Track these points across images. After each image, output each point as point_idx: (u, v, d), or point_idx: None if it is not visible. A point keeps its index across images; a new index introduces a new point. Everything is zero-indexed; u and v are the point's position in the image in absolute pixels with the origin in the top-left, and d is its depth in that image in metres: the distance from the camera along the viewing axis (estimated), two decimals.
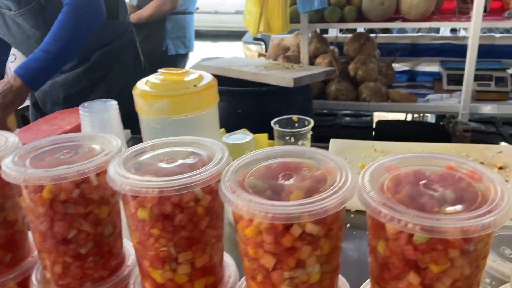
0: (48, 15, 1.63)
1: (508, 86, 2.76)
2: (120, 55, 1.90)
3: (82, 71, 1.83)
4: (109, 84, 1.87)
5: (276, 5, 2.49)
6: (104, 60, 1.85)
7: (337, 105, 2.81)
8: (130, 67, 1.94)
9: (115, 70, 1.89)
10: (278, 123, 1.25)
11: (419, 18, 2.56)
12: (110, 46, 1.86)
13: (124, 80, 1.90)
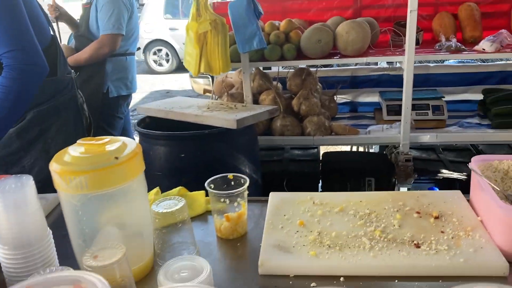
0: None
1: (444, 114, 2.87)
2: (59, 112, 1.78)
3: (14, 131, 1.69)
4: (46, 144, 1.75)
5: (216, 46, 2.48)
6: (41, 119, 1.73)
7: (283, 140, 2.82)
8: (70, 125, 1.83)
9: (53, 129, 1.77)
10: (213, 183, 1.21)
11: (356, 54, 2.63)
12: (47, 104, 1.73)
13: (62, 139, 1.78)
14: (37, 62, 1.52)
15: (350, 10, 3.12)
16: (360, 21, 2.63)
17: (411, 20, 2.41)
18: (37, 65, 1.52)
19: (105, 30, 2.82)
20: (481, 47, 2.59)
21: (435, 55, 2.60)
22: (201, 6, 2.44)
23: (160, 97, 7.17)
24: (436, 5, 3.06)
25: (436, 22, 2.94)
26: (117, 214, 0.97)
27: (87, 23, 2.94)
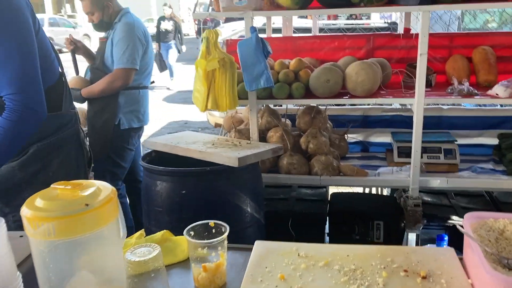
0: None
1: (456, 158, 2.79)
2: (61, 147, 1.80)
3: (17, 165, 1.71)
4: (47, 178, 1.76)
5: (223, 83, 2.49)
6: (43, 153, 1.74)
7: (289, 179, 2.78)
8: (72, 159, 1.85)
9: (55, 163, 1.78)
10: (192, 230, 1.18)
11: (365, 94, 2.60)
12: (50, 139, 1.75)
13: (64, 173, 1.80)
14: (38, 109, 1.55)
15: (362, 50, 3.11)
16: (370, 62, 2.61)
17: (421, 63, 2.39)
18: (37, 112, 1.55)
19: (119, 64, 2.88)
20: (494, 91, 2.53)
21: (446, 99, 2.55)
22: (211, 44, 2.47)
23: (178, 128, 7.26)
24: (450, 48, 3.03)
25: (449, 65, 2.91)
26: (87, 262, 0.94)
27: (103, 57, 3.01)
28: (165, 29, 10.17)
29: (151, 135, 6.84)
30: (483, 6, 2.39)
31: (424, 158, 2.82)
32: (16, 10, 1.52)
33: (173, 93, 10.14)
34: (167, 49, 10.37)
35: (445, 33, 3.99)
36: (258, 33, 2.45)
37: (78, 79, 3.09)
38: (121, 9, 3.02)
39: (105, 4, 2.93)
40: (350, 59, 2.95)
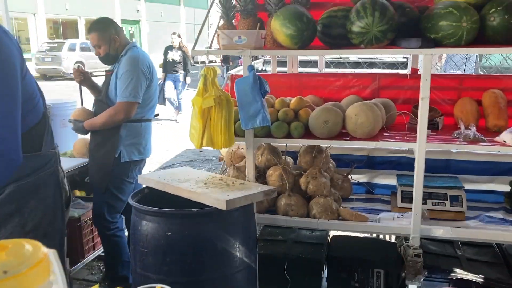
0: None
1: (463, 206, 2.65)
2: (39, 187, 1.76)
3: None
4: (22, 219, 1.72)
5: (219, 121, 2.45)
6: (19, 194, 1.70)
7: (286, 221, 2.69)
8: (49, 201, 1.80)
9: (31, 204, 1.74)
10: None
11: (366, 136, 2.51)
12: (27, 179, 1.72)
13: (40, 215, 1.76)
14: (14, 157, 1.53)
15: (368, 90, 3.04)
16: (370, 104, 2.53)
17: (423, 108, 2.29)
18: (12, 160, 1.53)
19: (121, 98, 2.88)
20: (502, 138, 2.40)
21: (449, 144, 2.43)
22: (208, 82, 2.44)
23: (193, 156, 7.25)
24: (459, 90, 2.92)
25: (457, 108, 2.80)
26: None
27: (107, 89, 3.02)
28: (172, 60, 9.62)
29: (164, 163, 6.86)
30: (486, 51, 2.30)
31: (429, 204, 2.69)
32: (3, 60, 1.52)
33: None
34: (174, 80, 9.79)
35: (455, 74, 3.88)
36: (256, 71, 2.41)
37: (82, 110, 3.11)
38: (128, 43, 3.06)
39: (112, 38, 2.98)
40: (354, 99, 2.89)
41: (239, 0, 2.65)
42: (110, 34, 2.98)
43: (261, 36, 2.52)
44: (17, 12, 20.36)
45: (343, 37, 2.39)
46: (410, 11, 2.46)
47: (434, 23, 2.23)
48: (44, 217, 1.78)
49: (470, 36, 2.18)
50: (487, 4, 2.23)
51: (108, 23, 3.05)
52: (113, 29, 3.01)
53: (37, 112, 1.74)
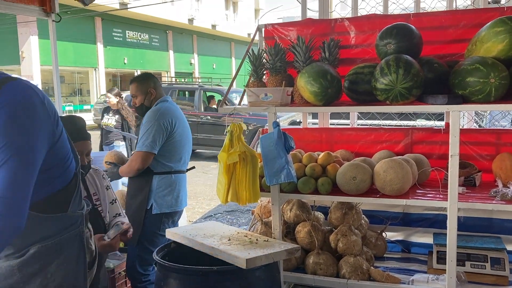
0: None
1: (505, 269, 2.47)
2: (62, 248, 1.74)
3: (16, 264, 1.67)
4: (44, 279, 1.72)
5: (243, 176, 2.47)
6: (43, 254, 1.70)
7: (314, 281, 2.60)
8: (72, 262, 1.79)
9: (54, 265, 1.73)
10: None
11: (396, 194, 2.43)
12: (52, 240, 1.71)
13: (62, 275, 1.75)
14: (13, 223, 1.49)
15: (400, 145, 2.97)
16: (399, 160, 2.47)
17: (453, 165, 2.21)
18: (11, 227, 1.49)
19: (138, 147, 3.03)
20: None
21: (484, 204, 2.30)
22: (234, 138, 2.49)
23: (234, 206, 7.25)
24: (498, 146, 2.79)
25: (496, 164, 2.66)
26: None
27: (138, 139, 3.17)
28: (106, 125, 6.54)
29: (206, 213, 6.91)
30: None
31: (467, 266, 2.54)
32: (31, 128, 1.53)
33: None
34: None
35: (492, 129, 3.71)
36: (280, 127, 2.43)
37: (113, 154, 3.23)
38: (162, 97, 3.20)
39: (149, 91, 3.15)
40: (386, 154, 2.83)
41: (269, 58, 2.73)
42: (148, 87, 3.15)
43: (287, 93, 2.56)
44: (80, 66, 21.88)
45: (369, 93, 2.39)
46: (438, 67, 2.43)
47: (462, 79, 2.18)
48: (66, 278, 1.78)
49: (499, 92, 2.11)
50: None
51: (148, 77, 3.24)
52: (152, 83, 3.18)
53: (68, 175, 1.77)
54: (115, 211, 2.55)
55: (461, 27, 2.68)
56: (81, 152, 2.18)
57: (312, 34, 2.88)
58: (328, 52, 2.64)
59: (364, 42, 2.94)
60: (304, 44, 2.63)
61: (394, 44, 2.42)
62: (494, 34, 2.18)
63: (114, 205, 2.54)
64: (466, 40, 2.52)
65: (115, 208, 2.55)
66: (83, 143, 2.26)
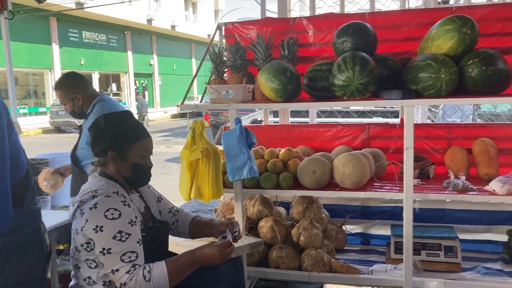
0: None
1: (458, 257, 2.60)
2: (21, 244, 1.72)
3: None
4: (3, 276, 1.71)
5: (206, 173, 2.48)
6: (2, 251, 1.67)
7: (277, 274, 2.65)
8: (32, 257, 1.78)
9: (13, 262, 1.72)
10: None
11: (354, 187, 2.51)
12: (10, 236, 1.67)
13: (22, 272, 1.74)
14: (4, 209, 1.53)
15: (358, 140, 3.06)
16: (357, 154, 2.55)
17: (408, 158, 2.30)
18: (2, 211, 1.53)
19: None
20: (491, 187, 2.39)
21: (438, 194, 2.41)
22: (196, 135, 2.50)
23: (198, 206, 7.22)
24: (449, 139, 2.93)
25: (448, 157, 2.80)
26: None
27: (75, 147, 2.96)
28: None
29: None
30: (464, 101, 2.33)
31: (423, 255, 2.65)
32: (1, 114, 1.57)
33: None
34: None
35: (444, 123, 3.89)
36: (242, 124, 2.46)
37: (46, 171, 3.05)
38: (95, 98, 2.86)
39: (74, 97, 2.82)
40: (344, 149, 2.91)
41: (229, 56, 2.75)
42: (73, 93, 2.81)
43: (248, 90, 2.59)
44: (34, 68, 21.17)
45: (328, 89, 2.45)
46: (392, 64, 2.52)
47: (415, 75, 2.28)
48: (27, 275, 1.77)
49: (450, 87, 2.22)
50: (466, 56, 2.28)
51: (71, 81, 2.86)
52: (76, 88, 2.83)
53: (21, 169, 1.77)
54: (167, 207, 2.17)
55: (413, 25, 2.81)
56: (148, 151, 1.90)
57: (272, 33, 2.92)
58: (287, 50, 2.69)
59: (322, 40, 3.02)
60: (264, 42, 2.66)
61: (350, 42, 2.50)
62: (444, 32, 2.29)
63: (163, 202, 2.16)
64: (418, 38, 2.63)
65: (165, 204, 2.16)
66: (149, 141, 1.91)
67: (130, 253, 1.68)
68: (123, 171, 1.84)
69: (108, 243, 1.67)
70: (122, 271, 1.66)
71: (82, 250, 1.75)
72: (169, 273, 1.71)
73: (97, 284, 1.75)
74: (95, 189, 1.77)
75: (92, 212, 1.70)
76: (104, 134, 1.84)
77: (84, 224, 1.71)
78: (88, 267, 1.76)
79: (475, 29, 2.26)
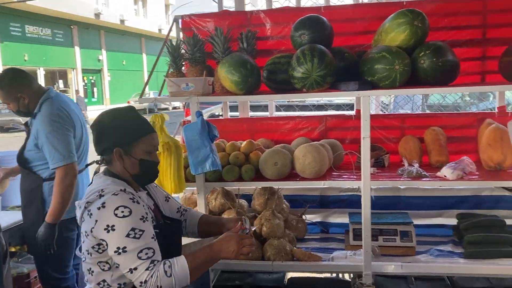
0: None
1: (413, 241, 2.72)
2: None
3: None
4: None
5: (168, 167, 2.46)
6: None
7: (240, 265, 2.67)
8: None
9: None
10: None
11: (314, 176, 2.57)
12: None
13: None
14: None
15: (316, 132, 3.13)
16: (316, 145, 2.61)
17: (365, 147, 2.39)
18: None
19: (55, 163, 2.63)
20: (442, 173, 2.51)
21: (394, 181, 2.52)
22: (157, 129, 2.47)
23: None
24: (402, 129, 3.06)
25: (401, 145, 2.92)
26: None
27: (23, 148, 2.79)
28: None
29: None
30: (417, 91, 2.44)
31: (380, 240, 2.74)
32: None
33: None
34: None
35: (397, 114, 4.06)
36: (203, 117, 2.46)
37: None
38: (42, 95, 2.70)
39: (19, 96, 2.66)
40: (303, 140, 2.97)
41: (187, 49, 2.73)
42: (16, 93, 2.65)
43: (208, 82, 2.59)
44: None
45: (287, 82, 2.49)
46: (348, 56, 2.60)
47: (370, 66, 2.36)
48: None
49: (403, 78, 2.32)
50: (417, 48, 2.38)
51: (13, 79, 2.67)
52: (19, 86, 2.66)
53: None
54: (175, 206, 2.12)
55: (367, 19, 2.90)
56: (155, 147, 1.86)
57: (229, 26, 2.93)
58: (246, 43, 2.71)
59: (279, 33, 3.06)
60: (222, 35, 2.67)
61: (308, 34, 2.55)
62: (396, 25, 2.38)
63: (171, 201, 2.11)
64: (372, 31, 2.73)
65: (173, 203, 2.12)
66: (155, 136, 1.87)
67: (146, 250, 1.61)
68: (130, 168, 1.77)
69: (122, 242, 1.60)
70: (141, 269, 1.59)
71: (93, 253, 1.67)
72: (190, 268, 1.66)
73: (112, 287, 1.69)
74: (101, 189, 1.69)
75: (100, 212, 1.63)
76: (108, 131, 1.76)
77: (93, 225, 1.64)
78: (102, 270, 1.68)
79: (425, 23, 2.37)
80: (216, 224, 2.08)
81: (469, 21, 2.87)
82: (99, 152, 1.81)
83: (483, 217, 2.80)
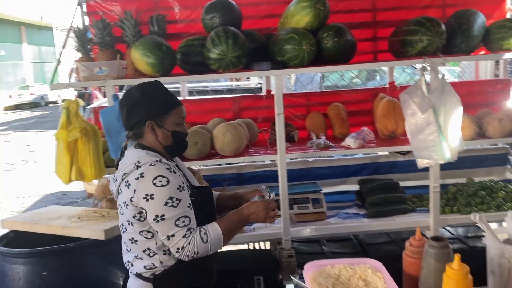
0: None
1: (323, 206, 2.98)
2: None
3: None
4: None
5: (87, 153, 2.42)
6: None
7: None
8: None
9: None
10: None
11: (233, 154, 2.70)
12: None
13: None
14: None
15: (230, 112, 3.26)
16: (234, 124, 2.74)
17: (279, 122, 2.56)
18: None
19: None
20: (346, 143, 2.79)
21: (306, 153, 2.75)
22: (71, 114, 2.41)
23: (55, 201, 6.77)
24: (308, 106, 3.30)
25: (308, 121, 3.16)
26: None
27: None
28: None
29: (23, 211, 6.29)
30: (323, 69, 2.68)
31: (295, 209, 2.97)
32: None
33: None
34: None
35: (303, 92, 4.36)
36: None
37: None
38: None
39: None
40: (219, 121, 3.07)
41: (96, 33, 2.68)
42: None
43: (123, 66, 2.58)
44: None
45: (202, 63, 2.57)
46: (258, 38, 2.75)
47: (280, 47, 2.53)
48: None
49: (311, 57, 2.53)
50: (321, 29, 2.61)
51: None
52: None
53: None
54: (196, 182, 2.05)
55: (272, 3, 3.07)
56: (184, 118, 1.85)
57: (137, 9, 2.91)
58: (157, 26, 2.73)
59: (188, 17, 3.11)
60: (132, 18, 2.66)
61: (218, 17, 2.65)
62: (301, 8, 2.58)
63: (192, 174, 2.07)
64: (277, 15, 2.90)
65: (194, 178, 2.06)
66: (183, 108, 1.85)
67: (183, 218, 1.66)
68: (163, 140, 1.77)
69: (161, 210, 1.64)
70: (179, 236, 1.64)
71: (135, 222, 1.69)
72: (224, 233, 1.73)
73: (158, 255, 1.71)
74: (137, 160, 1.69)
75: (139, 181, 1.65)
76: (140, 104, 1.75)
77: (133, 195, 1.66)
78: (145, 239, 1.71)
79: (326, 6, 2.59)
80: (234, 197, 2.12)
81: (361, 5, 3.18)
82: (129, 127, 1.82)
83: (380, 181, 3.15)
